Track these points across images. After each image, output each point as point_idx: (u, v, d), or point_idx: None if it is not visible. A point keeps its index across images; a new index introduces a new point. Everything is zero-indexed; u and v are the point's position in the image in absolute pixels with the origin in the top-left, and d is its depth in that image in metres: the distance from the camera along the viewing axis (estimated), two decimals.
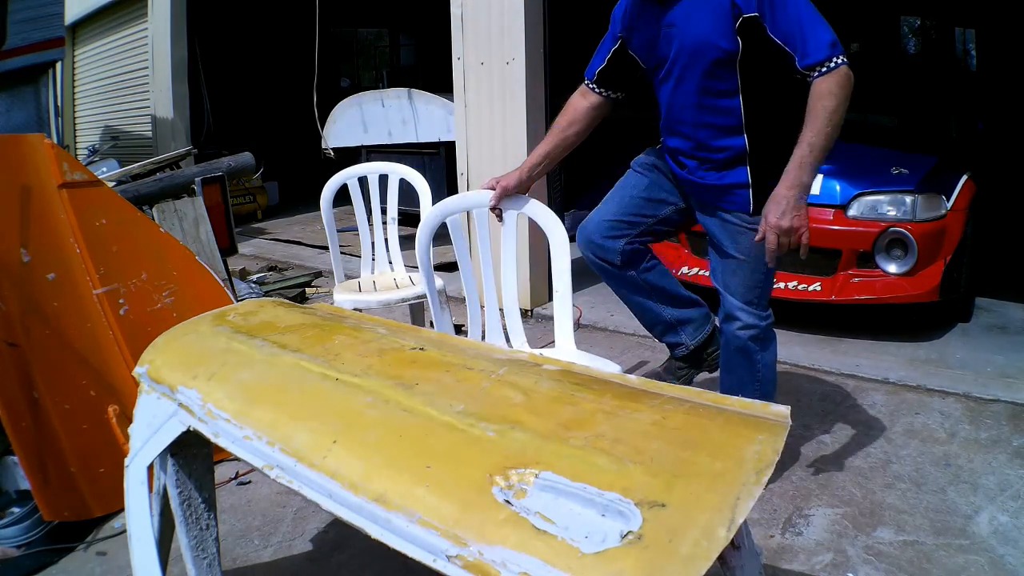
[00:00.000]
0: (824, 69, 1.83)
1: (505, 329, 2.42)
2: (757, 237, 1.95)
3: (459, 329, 3.15)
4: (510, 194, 2.30)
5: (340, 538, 2.15)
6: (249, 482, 2.48)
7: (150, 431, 1.49)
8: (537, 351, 2.45)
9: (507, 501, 0.94)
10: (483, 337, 2.35)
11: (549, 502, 0.92)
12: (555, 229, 2.30)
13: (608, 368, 2.15)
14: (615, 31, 2.17)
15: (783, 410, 1.18)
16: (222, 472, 2.47)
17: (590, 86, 2.26)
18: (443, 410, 1.16)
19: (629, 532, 0.86)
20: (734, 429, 1.09)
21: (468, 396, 1.21)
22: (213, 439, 1.33)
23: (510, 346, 2.41)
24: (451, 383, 1.27)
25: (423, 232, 2.23)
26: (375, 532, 1.03)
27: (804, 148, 1.86)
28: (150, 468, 1.53)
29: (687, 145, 2.11)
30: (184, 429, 1.41)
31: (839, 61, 1.83)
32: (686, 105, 2.04)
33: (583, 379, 1.31)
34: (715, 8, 1.88)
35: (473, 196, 2.39)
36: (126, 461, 1.55)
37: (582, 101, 2.28)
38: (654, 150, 2.30)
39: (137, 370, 1.54)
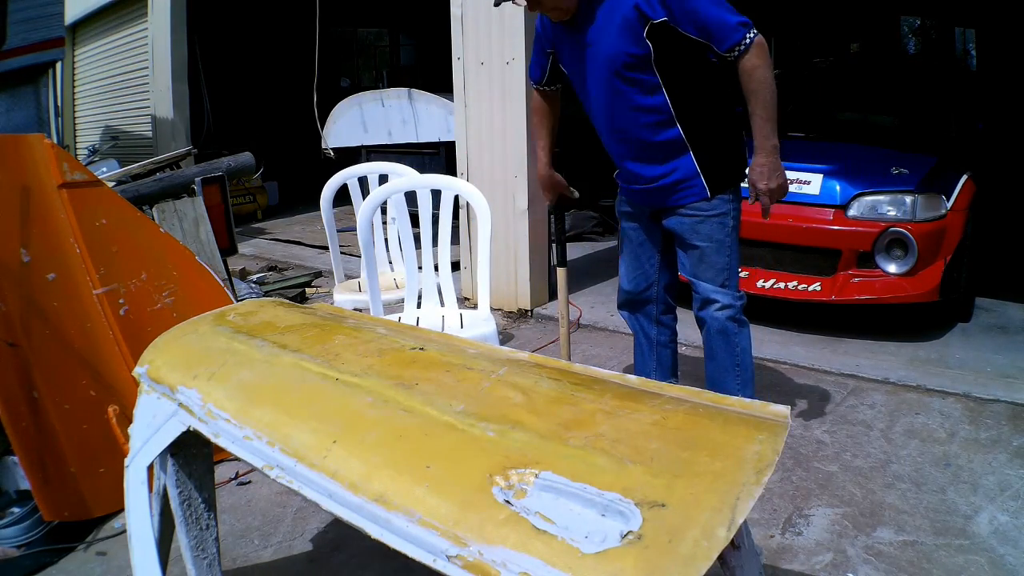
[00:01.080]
0: (742, 47, 2.01)
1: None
2: (751, 202, 2.20)
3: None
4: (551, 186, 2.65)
5: (340, 538, 2.15)
6: (249, 482, 2.48)
7: (150, 431, 1.49)
8: (458, 311, 2.83)
9: (507, 501, 0.94)
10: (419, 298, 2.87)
11: (549, 502, 0.92)
12: (479, 202, 2.74)
13: (486, 328, 2.64)
14: (544, 45, 2.39)
15: (783, 410, 1.18)
16: (222, 472, 2.47)
17: (540, 88, 2.51)
18: (443, 410, 1.16)
19: (629, 532, 0.86)
20: (734, 429, 1.09)
21: (468, 396, 1.21)
22: (213, 439, 1.33)
23: (442, 303, 2.91)
24: (451, 383, 1.27)
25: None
26: (375, 532, 1.03)
27: (758, 119, 2.09)
28: (150, 468, 1.53)
29: (632, 149, 2.26)
30: (184, 429, 1.41)
31: (752, 36, 2.01)
32: (621, 110, 2.20)
33: (583, 379, 1.31)
34: (623, 20, 2.05)
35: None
36: (126, 461, 1.55)
37: (542, 99, 2.54)
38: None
39: (137, 370, 1.54)
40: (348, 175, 3.29)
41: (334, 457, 1.11)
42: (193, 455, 1.56)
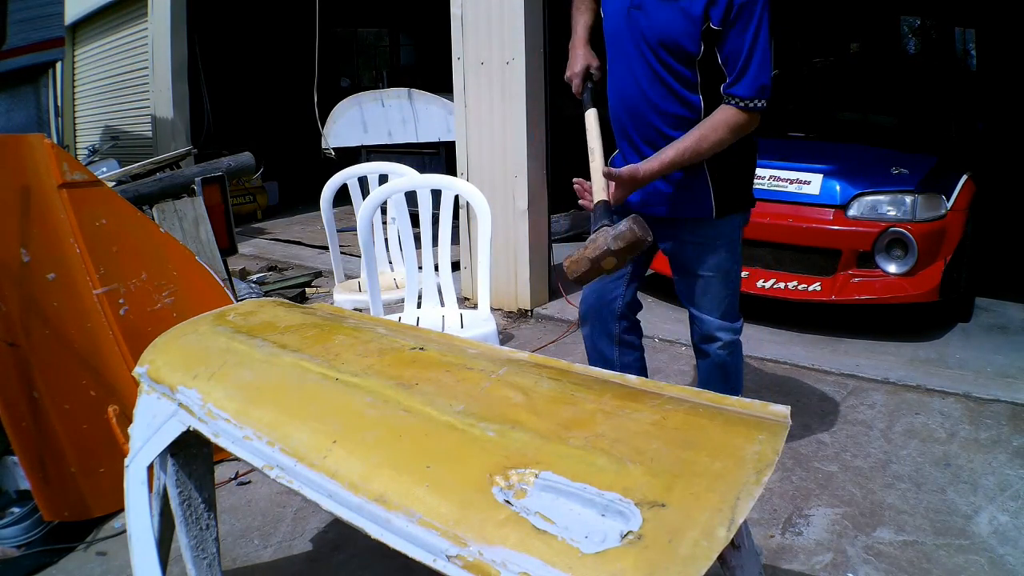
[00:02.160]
0: (741, 104, 1.85)
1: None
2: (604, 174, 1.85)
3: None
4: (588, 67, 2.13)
5: (340, 538, 2.15)
6: (249, 482, 2.48)
7: (150, 431, 1.49)
8: (458, 311, 2.83)
9: (507, 501, 0.94)
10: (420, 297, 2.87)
11: (549, 502, 0.92)
12: (479, 202, 2.72)
13: (486, 328, 2.61)
14: None
15: (783, 410, 1.18)
16: (222, 472, 2.47)
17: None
18: (443, 410, 1.16)
19: (629, 532, 0.86)
20: (734, 429, 1.09)
21: (468, 396, 1.21)
22: (213, 439, 1.33)
23: (442, 303, 2.89)
24: (451, 383, 1.27)
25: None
26: (375, 532, 1.03)
27: (673, 149, 1.87)
28: (150, 468, 1.53)
29: (646, 134, 2.02)
30: (184, 429, 1.41)
31: (755, 106, 1.85)
32: (648, 89, 1.98)
33: (583, 379, 1.31)
34: (687, 12, 1.85)
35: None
36: (126, 461, 1.55)
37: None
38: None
39: (137, 370, 1.54)
40: (348, 175, 3.29)
41: (334, 457, 1.11)
42: (193, 455, 1.56)
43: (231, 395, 1.34)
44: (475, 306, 2.95)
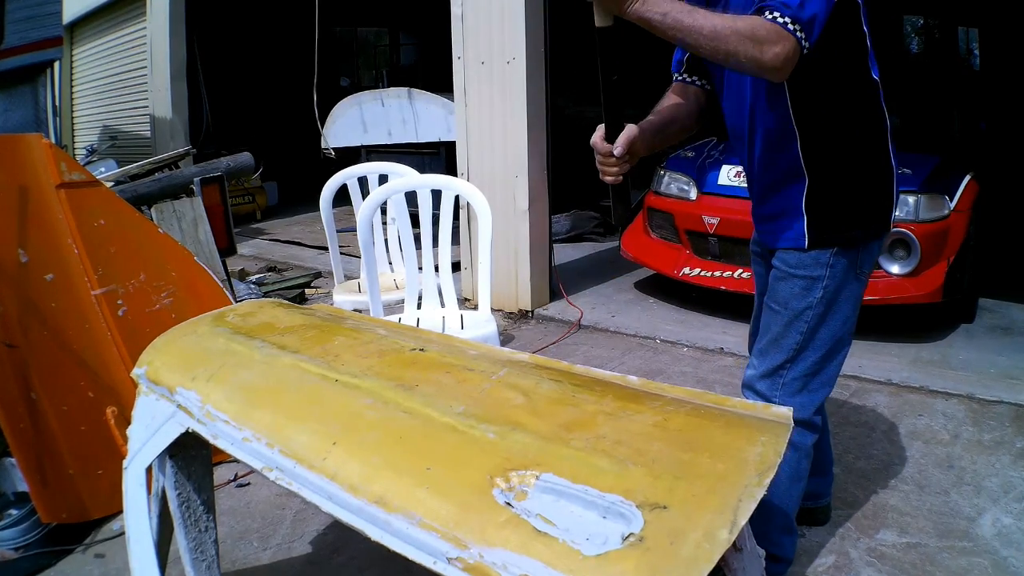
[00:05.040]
0: (769, 16, 1.38)
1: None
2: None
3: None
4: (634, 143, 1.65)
5: (340, 540, 2.15)
6: (248, 484, 2.48)
7: (149, 433, 1.49)
8: (458, 312, 2.82)
9: (508, 503, 0.94)
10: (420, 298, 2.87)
11: (550, 504, 0.93)
12: (479, 202, 2.73)
13: (486, 329, 2.61)
14: None
15: (785, 412, 1.18)
16: (221, 474, 2.47)
17: (678, 78, 1.85)
18: (443, 411, 1.16)
19: (630, 534, 0.86)
20: (736, 431, 1.09)
21: (468, 397, 1.21)
22: (212, 441, 1.33)
23: (443, 303, 2.89)
24: (451, 384, 1.27)
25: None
26: (375, 535, 1.03)
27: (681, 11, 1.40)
28: (149, 470, 1.53)
29: (751, 158, 1.76)
30: (183, 430, 1.41)
31: (788, 26, 1.37)
32: (746, 108, 1.70)
33: (584, 380, 1.31)
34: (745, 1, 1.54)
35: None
36: (124, 463, 1.55)
37: (677, 92, 1.85)
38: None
39: (136, 371, 1.54)
40: (348, 175, 3.30)
41: (334, 459, 1.11)
42: (192, 456, 1.56)
43: (230, 396, 1.34)
44: (475, 307, 2.96)
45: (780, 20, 1.38)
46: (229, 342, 1.52)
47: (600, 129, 1.56)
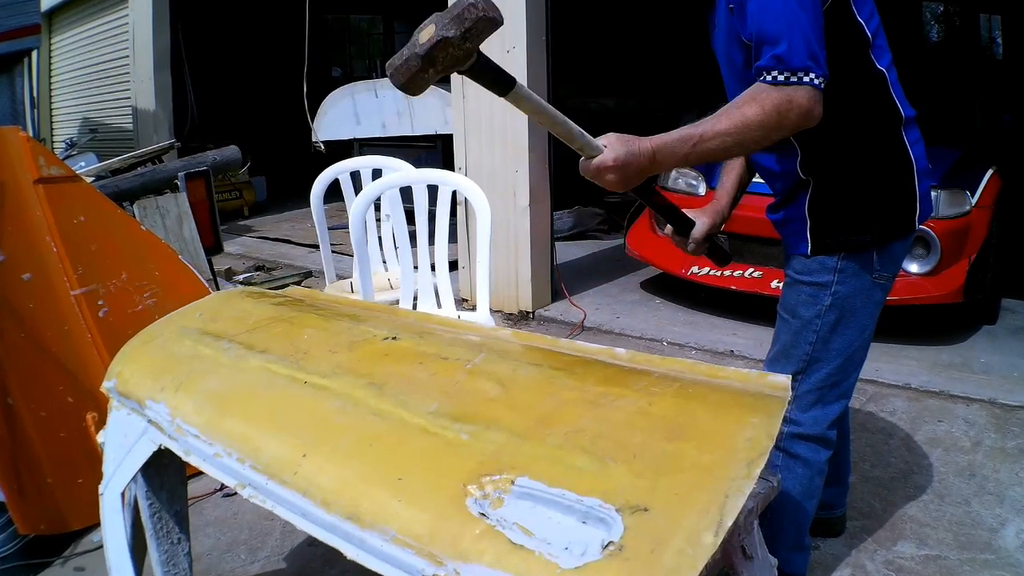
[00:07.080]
0: (768, 78, 1.40)
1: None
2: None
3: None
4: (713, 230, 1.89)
5: (331, 552, 2.13)
6: (235, 493, 2.47)
7: (122, 452, 1.50)
8: (456, 313, 2.82)
9: (482, 514, 0.94)
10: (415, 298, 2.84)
11: (526, 511, 0.93)
12: (478, 198, 2.70)
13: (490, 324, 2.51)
14: None
15: (783, 380, 1.16)
16: (206, 483, 2.47)
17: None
18: (415, 411, 1.16)
19: (610, 543, 0.86)
20: (726, 413, 1.08)
21: (442, 392, 1.21)
22: (185, 457, 1.34)
23: (439, 304, 2.86)
24: (424, 378, 1.27)
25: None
26: (351, 552, 1.04)
27: (688, 129, 1.45)
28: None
29: (758, 167, 1.80)
30: (156, 448, 1.42)
31: (783, 78, 1.38)
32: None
33: (566, 361, 1.31)
34: (729, 24, 1.61)
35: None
36: (100, 488, 1.56)
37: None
38: None
39: (105, 384, 1.55)
40: (340, 170, 3.29)
41: (305, 472, 1.11)
42: (164, 466, 1.56)
43: (199, 407, 1.35)
44: (474, 308, 2.95)
45: (780, 78, 1.39)
46: (196, 344, 1.53)
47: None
